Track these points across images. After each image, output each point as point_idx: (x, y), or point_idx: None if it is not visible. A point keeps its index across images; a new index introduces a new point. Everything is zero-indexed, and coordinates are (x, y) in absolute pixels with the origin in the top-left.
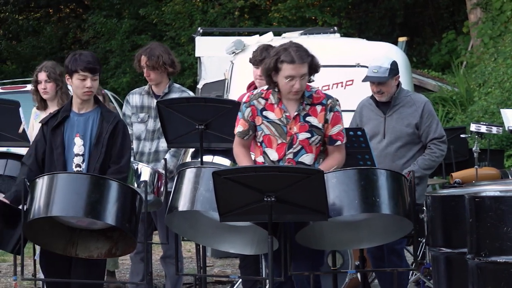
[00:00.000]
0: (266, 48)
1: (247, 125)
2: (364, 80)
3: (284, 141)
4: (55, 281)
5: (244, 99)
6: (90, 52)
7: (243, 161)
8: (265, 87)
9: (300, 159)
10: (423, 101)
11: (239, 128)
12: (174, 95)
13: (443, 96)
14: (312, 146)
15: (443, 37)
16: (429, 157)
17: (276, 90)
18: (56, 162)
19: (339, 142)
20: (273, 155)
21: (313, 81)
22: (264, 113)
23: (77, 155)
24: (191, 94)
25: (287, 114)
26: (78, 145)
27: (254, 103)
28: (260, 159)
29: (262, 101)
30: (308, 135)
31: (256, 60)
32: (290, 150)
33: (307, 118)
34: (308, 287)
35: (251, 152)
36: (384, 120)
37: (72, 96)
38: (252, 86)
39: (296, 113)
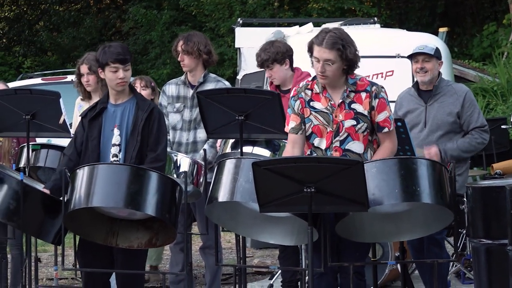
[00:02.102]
0: (264, 49)
1: (299, 119)
2: (409, 56)
3: (331, 129)
4: (95, 271)
5: (291, 93)
6: (119, 43)
7: None
8: (310, 78)
9: (347, 147)
10: (465, 91)
11: (291, 124)
12: (209, 85)
13: (484, 86)
14: (359, 134)
15: (483, 29)
16: (469, 141)
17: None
18: (91, 154)
19: (386, 129)
20: (322, 143)
21: (352, 73)
22: (311, 103)
23: (114, 145)
24: (227, 83)
25: (332, 102)
26: (116, 136)
27: (302, 95)
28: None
29: (309, 92)
30: (354, 122)
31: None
32: (337, 138)
33: (352, 105)
34: (354, 277)
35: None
36: (425, 109)
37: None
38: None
39: (340, 100)
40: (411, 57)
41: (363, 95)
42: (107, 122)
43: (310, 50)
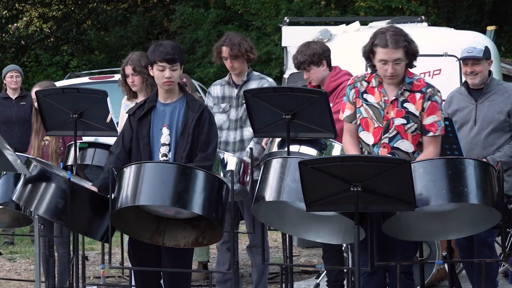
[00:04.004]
0: (300, 51)
1: (353, 108)
2: (459, 59)
3: (380, 125)
4: (143, 270)
5: (349, 82)
6: (171, 42)
7: (350, 151)
8: (369, 70)
9: (395, 145)
10: None
11: (346, 112)
12: (253, 83)
13: None
14: (408, 134)
15: None
16: None
17: (378, 73)
18: (142, 152)
19: (431, 133)
20: (369, 138)
21: (414, 67)
22: (365, 95)
23: (164, 144)
24: (270, 80)
25: (385, 98)
26: (165, 135)
27: (357, 85)
28: None
29: (365, 84)
30: (404, 121)
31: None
32: (386, 135)
33: (405, 104)
34: (402, 276)
35: None
36: (475, 107)
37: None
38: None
39: (394, 97)
40: (461, 60)
41: (418, 95)
42: (155, 120)
43: (369, 53)
